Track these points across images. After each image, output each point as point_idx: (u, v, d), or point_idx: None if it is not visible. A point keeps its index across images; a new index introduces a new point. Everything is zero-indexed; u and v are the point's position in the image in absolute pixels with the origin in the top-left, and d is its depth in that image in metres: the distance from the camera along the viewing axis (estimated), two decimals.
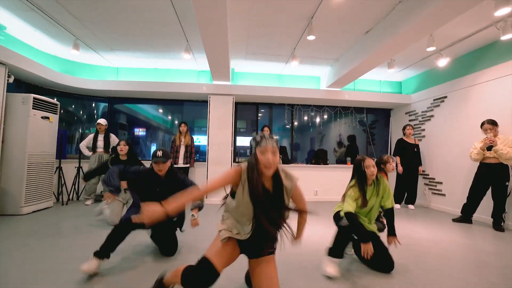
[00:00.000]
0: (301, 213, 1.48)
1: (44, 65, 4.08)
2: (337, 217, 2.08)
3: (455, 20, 2.87)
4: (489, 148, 3.27)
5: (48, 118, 3.91)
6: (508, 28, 2.89)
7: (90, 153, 4.43)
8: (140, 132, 6.36)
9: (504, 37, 2.96)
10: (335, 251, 1.91)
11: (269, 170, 1.30)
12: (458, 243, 2.76)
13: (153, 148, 6.36)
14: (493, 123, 3.34)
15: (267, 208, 1.31)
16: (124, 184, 3.05)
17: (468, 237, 2.96)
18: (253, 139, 1.35)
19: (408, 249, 2.50)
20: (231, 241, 1.40)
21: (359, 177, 2.01)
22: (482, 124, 3.43)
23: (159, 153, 2.12)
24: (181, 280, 1.26)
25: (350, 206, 1.91)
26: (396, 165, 4.53)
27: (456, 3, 2.40)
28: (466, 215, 3.59)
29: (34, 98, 3.63)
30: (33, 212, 3.63)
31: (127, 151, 3.21)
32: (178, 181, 2.19)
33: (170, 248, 2.22)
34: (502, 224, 3.26)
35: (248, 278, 1.50)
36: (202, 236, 2.74)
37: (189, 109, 5.84)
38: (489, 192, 3.40)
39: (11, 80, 3.57)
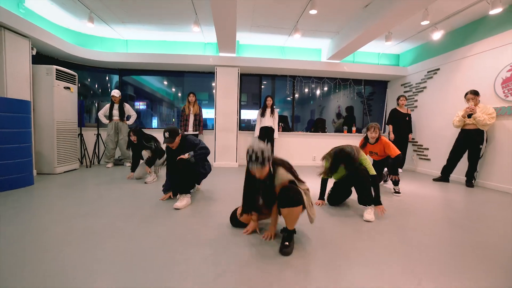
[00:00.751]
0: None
1: (61, 38, 4.32)
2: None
3: None
4: (470, 115, 3.67)
5: (69, 88, 4.25)
6: (497, 3, 3.13)
7: (107, 121, 4.83)
8: (142, 105, 6.68)
9: (492, 12, 3.21)
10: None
11: (261, 177, 1.70)
12: (433, 195, 3.27)
13: (156, 118, 6.79)
14: (475, 93, 3.69)
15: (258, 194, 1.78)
16: (146, 154, 3.54)
17: (443, 191, 3.48)
18: (247, 152, 1.65)
19: (392, 200, 3.02)
20: None
21: (333, 165, 2.47)
22: (466, 94, 3.78)
23: (166, 135, 2.57)
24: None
25: (324, 173, 2.62)
26: (389, 133, 4.97)
27: None
28: (444, 175, 4.10)
29: (56, 69, 3.95)
30: (64, 172, 4.14)
31: (136, 139, 3.68)
32: (188, 145, 2.63)
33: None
34: (473, 181, 3.77)
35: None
36: (214, 192, 3.25)
37: (191, 82, 6.13)
38: (465, 155, 3.87)
39: (34, 52, 3.86)
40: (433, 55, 4.89)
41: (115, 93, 4.81)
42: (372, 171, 2.42)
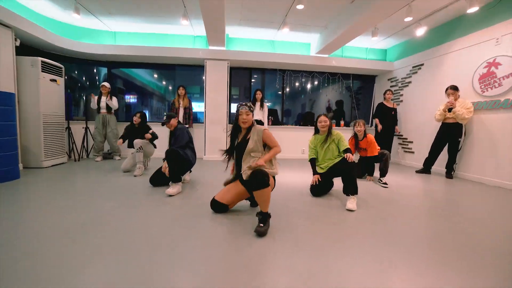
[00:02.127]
0: (272, 148, 2.04)
1: (46, 29, 4.22)
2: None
3: None
4: (450, 110, 3.82)
5: (55, 80, 4.18)
6: (474, 2, 3.24)
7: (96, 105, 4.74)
8: (132, 98, 6.60)
9: (469, 10, 3.33)
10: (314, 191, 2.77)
11: (245, 124, 2.05)
12: (415, 186, 3.42)
13: (146, 112, 6.72)
14: (455, 88, 3.84)
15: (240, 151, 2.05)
16: (138, 143, 3.54)
17: (424, 183, 3.64)
18: (236, 109, 2.07)
19: (378, 191, 3.16)
20: (236, 183, 2.14)
21: (315, 129, 2.87)
22: (446, 89, 3.93)
23: (164, 118, 3.01)
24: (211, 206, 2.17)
25: (310, 154, 2.88)
26: (376, 126, 5.10)
27: None
28: (426, 167, 4.28)
29: (42, 61, 3.88)
30: (52, 166, 4.11)
31: (139, 122, 3.82)
32: (176, 135, 2.97)
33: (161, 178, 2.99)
34: (453, 173, 3.96)
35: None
36: (206, 182, 3.31)
37: (182, 75, 6.09)
38: (445, 148, 4.04)
39: (18, 43, 3.77)
40: (417, 50, 5.02)
41: (106, 84, 4.76)
42: (346, 144, 2.70)
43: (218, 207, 2.13)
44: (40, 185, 2.98)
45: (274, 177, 2.00)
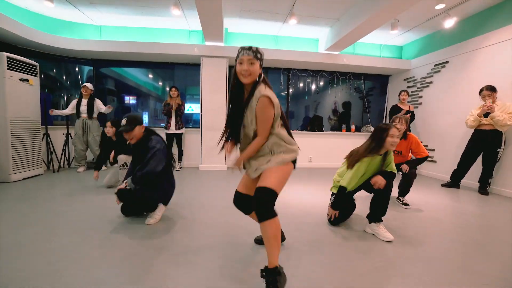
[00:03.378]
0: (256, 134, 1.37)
1: (16, 20, 3.67)
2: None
3: None
4: (486, 115, 3.26)
5: (27, 80, 3.63)
6: None
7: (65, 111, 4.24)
8: (130, 100, 6.02)
9: None
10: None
11: (246, 78, 1.33)
12: (446, 206, 2.87)
13: (145, 116, 6.11)
14: (492, 89, 3.27)
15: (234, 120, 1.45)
16: (122, 159, 3.00)
17: (455, 200, 3.08)
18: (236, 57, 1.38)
19: (399, 212, 2.59)
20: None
21: (376, 145, 1.91)
22: (481, 90, 3.37)
23: (123, 121, 2.01)
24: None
25: (351, 182, 1.98)
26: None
27: None
28: (454, 180, 3.71)
29: (8, 57, 3.33)
30: (24, 179, 3.56)
31: (114, 132, 3.19)
32: (146, 149, 2.01)
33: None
34: (488, 188, 3.39)
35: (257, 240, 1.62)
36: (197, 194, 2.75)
37: (181, 75, 5.52)
38: (479, 159, 3.47)
39: None
40: (441, 46, 4.44)
41: (88, 85, 4.22)
42: (394, 169, 2.03)
43: (242, 200, 1.57)
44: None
45: (293, 162, 1.48)
